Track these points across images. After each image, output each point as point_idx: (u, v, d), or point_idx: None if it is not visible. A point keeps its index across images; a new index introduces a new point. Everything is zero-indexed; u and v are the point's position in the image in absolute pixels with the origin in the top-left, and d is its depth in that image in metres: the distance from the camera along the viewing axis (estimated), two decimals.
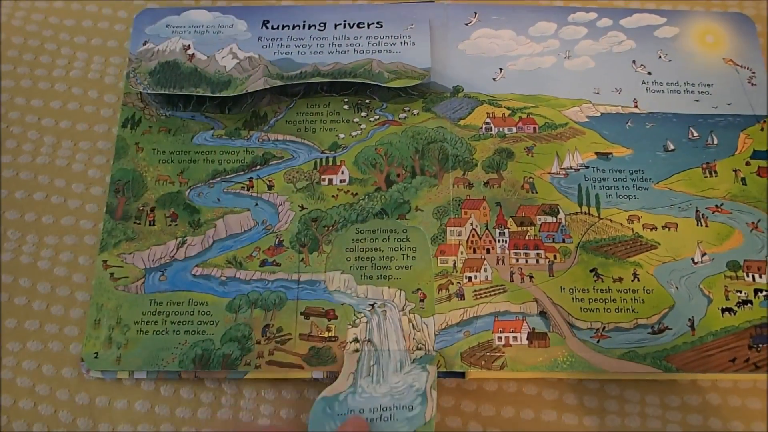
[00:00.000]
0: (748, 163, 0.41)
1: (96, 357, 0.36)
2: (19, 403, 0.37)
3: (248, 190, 0.40)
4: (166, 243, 0.38)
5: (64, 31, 0.46)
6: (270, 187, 0.40)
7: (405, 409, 0.34)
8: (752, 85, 0.43)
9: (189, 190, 0.40)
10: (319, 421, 0.33)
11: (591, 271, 0.37)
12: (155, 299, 0.37)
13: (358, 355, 0.35)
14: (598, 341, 0.36)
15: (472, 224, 0.39)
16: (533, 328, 0.36)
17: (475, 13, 0.44)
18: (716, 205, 0.39)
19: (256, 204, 0.39)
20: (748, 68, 0.43)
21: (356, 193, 0.39)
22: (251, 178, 0.40)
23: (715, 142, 0.41)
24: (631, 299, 0.37)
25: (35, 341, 0.38)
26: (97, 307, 0.37)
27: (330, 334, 0.36)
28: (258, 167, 0.40)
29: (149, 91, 0.40)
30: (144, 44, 0.42)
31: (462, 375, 0.36)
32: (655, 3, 0.47)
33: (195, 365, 0.35)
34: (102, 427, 0.37)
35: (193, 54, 0.42)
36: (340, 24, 0.43)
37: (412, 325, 0.36)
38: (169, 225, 0.39)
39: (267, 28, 0.43)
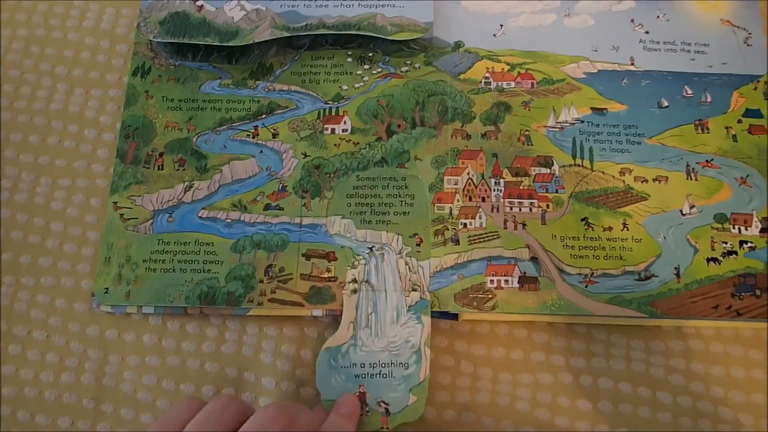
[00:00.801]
0: (740, 121, 0.42)
1: (106, 292, 0.38)
2: (33, 334, 0.39)
3: (254, 137, 0.41)
4: (174, 187, 0.40)
5: None
6: (275, 135, 0.41)
7: (401, 367, 0.36)
8: (748, 45, 0.44)
9: (197, 137, 0.41)
10: (325, 373, 0.36)
11: (582, 220, 0.39)
12: (163, 239, 0.38)
13: (357, 298, 0.37)
14: (586, 286, 0.37)
15: (468, 174, 0.40)
16: (524, 273, 0.38)
17: None
18: (707, 160, 0.40)
19: (261, 151, 0.41)
20: (744, 29, 0.44)
21: (358, 143, 0.41)
22: (257, 126, 0.41)
23: (709, 99, 0.42)
24: (620, 247, 0.38)
25: (48, 277, 0.40)
26: (108, 246, 0.39)
27: (330, 275, 0.38)
28: (263, 116, 0.42)
29: (159, 40, 0.42)
30: None
31: (455, 317, 0.38)
32: None
33: (200, 301, 0.37)
34: (111, 358, 0.39)
35: (201, 5, 0.43)
36: None
37: (409, 267, 0.38)
38: (177, 170, 0.40)
39: None
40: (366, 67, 0.43)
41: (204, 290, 0.37)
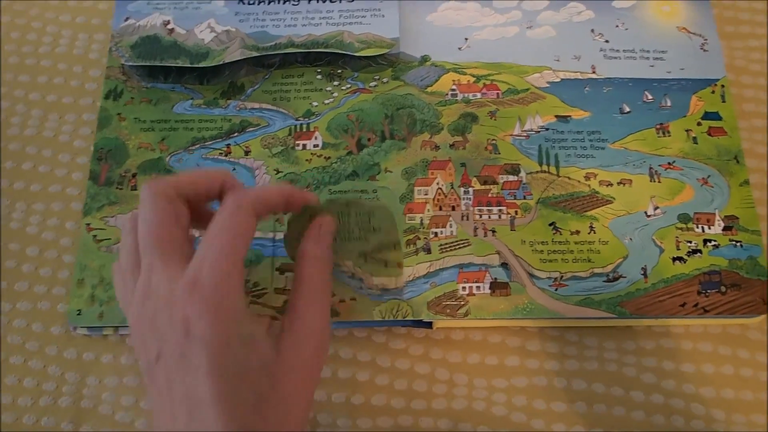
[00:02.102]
0: (699, 124, 0.43)
1: (79, 314, 0.38)
2: (10, 359, 0.39)
3: (226, 155, 0.42)
4: None
5: (49, 10, 0.48)
6: (247, 153, 0.42)
7: None
8: (704, 51, 0.45)
9: (169, 157, 0.42)
10: None
11: (550, 224, 0.40)
12: None
13: None
14: (556, 289, 0.38)
15: (438, 183, 0.41)
16: (495, 278, 0.38)
17: None
18: (669, 163, 0.41)
19: (234, 168, 0.41)
20: (700, 35, 0.45)
21: (329, 157, 0.42)
22: (229, 144, 0.42)
23: (669, 104, 0.43)
24: (588, 250, 0.39)
25: (25, 301, 0.40)
26: (81, 268, 0.39)
27: None
28: (235, 134, 0.42)
29: (131, 63, 0.43)
30: (126, 20, 0.44)
31: (429, 325, 0.38)
32: None
33: None
34: (89, 380, 0.39)
35: (172, 28, 0.44)
36: None
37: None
38: None
39: (243, 3, 0.45)
40: (335, 83, 0.44)
41: None
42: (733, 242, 0.40)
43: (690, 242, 0.39)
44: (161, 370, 0.27)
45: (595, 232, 0.39)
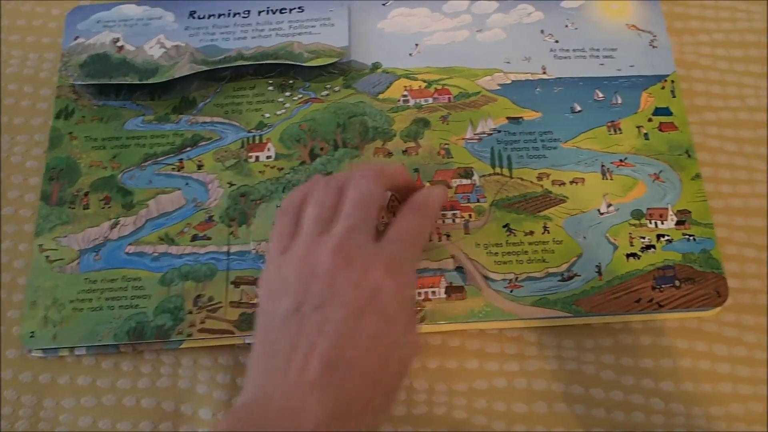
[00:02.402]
0: (650, 120, 0.43)
1: (32, 336, 0.37)
2: None
3: (179, 170, 0.42)
4: (100, 225, 0.40)
5: None
6: (200, 167, 0.42)
7: None
8: (653, 47, 0.45)
9: (122, 174, 0.41)
10: None
11: (504, 226, 0.40)
12: (90, 278, 0.39)
13: None
14: (511, 291, 0.38)
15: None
16: (451, 283, 0.38)
17: None
18: (620, 160, 0.42)
19: (187, 183, 0.41)
20: (650, 32, 0.46)
21: (282, 168, 0.41)
22: (181, 159, 0.42)
23: (620, 101, 0.44)
24: (542, 250, 0.39)
25: None
26: (34, 289, 0.38)
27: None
28: (188, 149, 0.42)
29: (79, 83, 0.42)
30: (75, 39, 0.44)
31: None
32: None
33: (129, 338, 0.37)
34: (46, 402, 0.38)
35: (122, 46, 0.44)
36: (264, 11, 0.45)
37: None
38: (103, 208, 0.40)
39: (193, 18, 0.45)
40: (287, 94, 0.44)
41: (132, 326, 0.37)
42: (686, 236, 0.40)
43: (643, 238, 0.40)
44: (301, 319, 0.29)
45: (549, 232, 0.39)
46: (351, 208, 0.31)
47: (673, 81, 0.44)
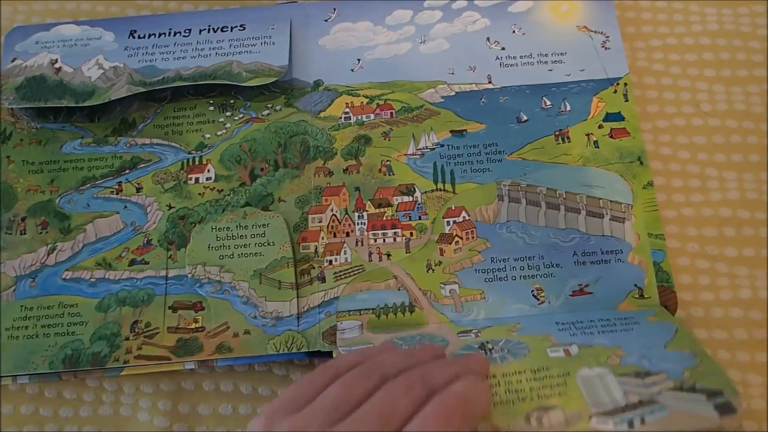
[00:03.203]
0: (600, 126, 0.42)
1: None
2: None
3: (117, 193, 0.41)
4: (36, 250, 0.40)
5: None
6: (138, 190, 0.41)
7: None
8: (606, 49, 0.44)
9: (59, 198, 0.41)
10: None
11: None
12: (26, 305, 0.38)
13: None
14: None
15: (332, 210, 0.40)
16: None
17: (335, 9, 0.45)
18: None
19: (125, 207, 0.41)
20: (602, 33, 0.44)
21: (222, 190, 0.41)
22: (120, 182, 0.41)
23: (568, 108, 0.43)
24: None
25: None
26: None
27: (197, 325, 0.38)
28: (127, 171, 0.42)
29: (14, 106, 0.42)
30: (12, 61, 0.44)
31: (330, 354, 0.38)
32: None
33: (65, 365, 0.37)
34: None
35: (60, 67, 0.43)
36: (205, 29, 0.45)
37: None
38: (40, 233, 0.40)
39: (134, 37, 0.45)
40: (228, 113, 0.43)
41: (68, 353, 0.37)
42: None
43: None
44: None
45: None
46: (368, 412, 0.27)
47: (626, 84, 0.43)
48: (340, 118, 0.43)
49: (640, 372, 0.32)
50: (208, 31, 0.44)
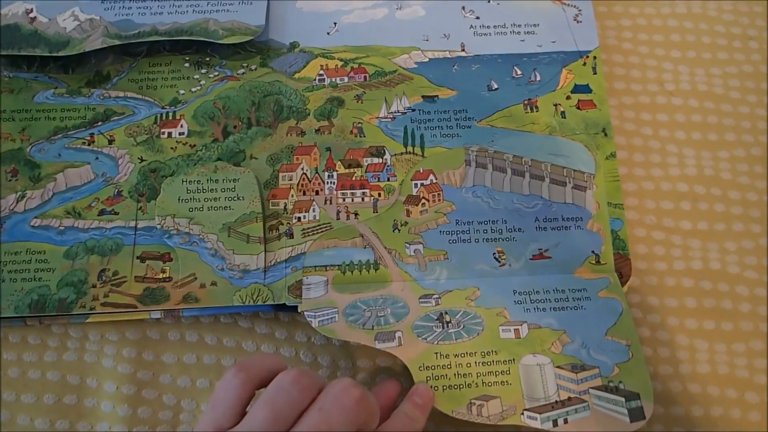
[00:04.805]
0: (568, 97, 0.43)
1: None
2: None
3: (89, 145, 0.41)
4: (6, 197, 0.40)
5: None
6: (111, 142, 0.41)
7: None
8: (578, 22, 0.45)
9: (30, 147, 0.41)
10: None
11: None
12: None
13: None
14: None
15: (303, 169, 0.41)
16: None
17: None
18: None
19: (97, 158, 0.41)
20: (575, 6, 0.46)
21: (194, 145, 0.41)
22: (92, 133, 0.42)
23: (538, 78, 0.44)
24: None
25: None
26: None
27: (164, 275, 0.38)
28: (99, 123, 0.42)
29: None
30: None
31: (295, 309, 0.38)
32: None
33: (30, 310, 0.37)
34: None
35: (35, 17, 0.43)
36: None
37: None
38: (10, 180, 0.40)
39: None
40: (203, 71, 0.44)
41: (34, 298, 0.37)
42: None
43: None
44: None
45: None
46: None
47: (595, 57, 0.44)
48: (314, 79, 0.43)
49: (576, 365, 0.36)
50: None
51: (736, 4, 0.49)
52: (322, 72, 0.43)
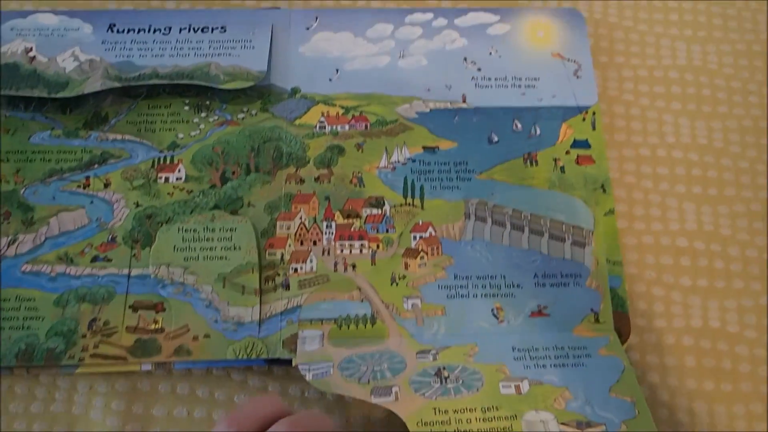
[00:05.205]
0: (568, 152, 0.43)
1: None
2: None
3: (84, 188, 0.41)
4: None
5: None
6: (106, 185, 0.41)
7: None
8: (577, 77, 0.45)
9: (24, 189, 0.40)
10: None
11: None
12: None
13: None
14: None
15: (301, 218, 0.40)
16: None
17: (316, 18, 0.46)
18: None
19: (92, 201, 0.40)
20: (574, 61, 0.46)
21: (191, 191, 0.41)
22: (88, 176, 0.41)
23: (538, 132, 0.44)
24: None
25: None
26: None
27: (157, 326, 0.37)
28: (96, 166, 0.41)
29: None
30: None
31: (290, 363, 0.38)
32: (491, 3, 0.49)
33: (18, 360, 0.36)
34: None
35: (34, 56, 0.43)
36: (185, 28, 0.45)
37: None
38: (2, 223, 0.39)
39: (112, 31, 0.44)
40: (203, 114, 0.43)
41: (22, 348, 0.36)
42: None
43: None
44: None
45: None
46: None
47: (594, 113, 0.44)
48: (315, 126, 0.43)
49: (581, 422, 0.34)
50: (189, 31, 0.44)
51: (737, 58, 0.49)
52: (323, 119, 0.43)
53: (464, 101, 0.44)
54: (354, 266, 0.39)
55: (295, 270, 0.39)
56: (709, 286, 0.42)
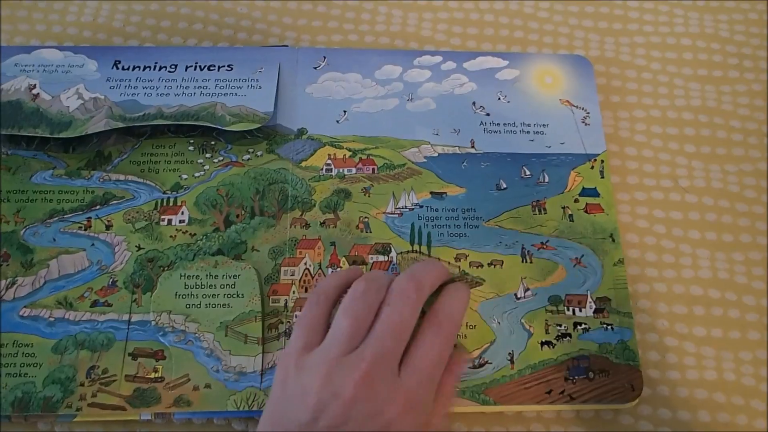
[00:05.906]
0: (576, 200, 0.42)
1: None
2: None
3: (86, 229, 0.40)
4: None
5: None
6: (108, 227, 0.40)
7: None
8: (586, 125, 0.45)
9: (24, 230, 0.40)
10: None
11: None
12: None
13: None
14: None
15: (306, 264, 0.39)
16: None
17: (324, 57, 0.45)
18: (542, 242, 0.41)
19: (93, 244, 0.40)
20: (583, 108, 0.45)
21: (194, 234, 0.40)
22: (90, 217, 0.40)
23: (547, 180, 0.43)
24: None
25: None
26: None
27: (156, 375, 0.36)
28: (97, 207, 0.41)
29: None
30: None
31: None
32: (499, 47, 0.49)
33: (14, 408, 0.35)
34: None
35: (37, 94, 0.42)
36: (191, 66, 0.44)
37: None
38: (0, 265, 0.38)
39: (117, 68, 0.44)
40: (207, 155, 0.43)
41: (18, 396, 0.35)
42: (604, 325, 0.39)
43: (560, 326, 0.39)
44: None
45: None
46: (384, 332, 0.30)
47: (602, 161, 0.44)
48: (322, 169, 0.42)
49: None
50: (195, 69, 0.44)
51: (753, 99, 0.48)
52: (329, 161, 0.42)
53: (473, 146, 0.43)
54: None
55: None
56: (724, 337, 0.41)
